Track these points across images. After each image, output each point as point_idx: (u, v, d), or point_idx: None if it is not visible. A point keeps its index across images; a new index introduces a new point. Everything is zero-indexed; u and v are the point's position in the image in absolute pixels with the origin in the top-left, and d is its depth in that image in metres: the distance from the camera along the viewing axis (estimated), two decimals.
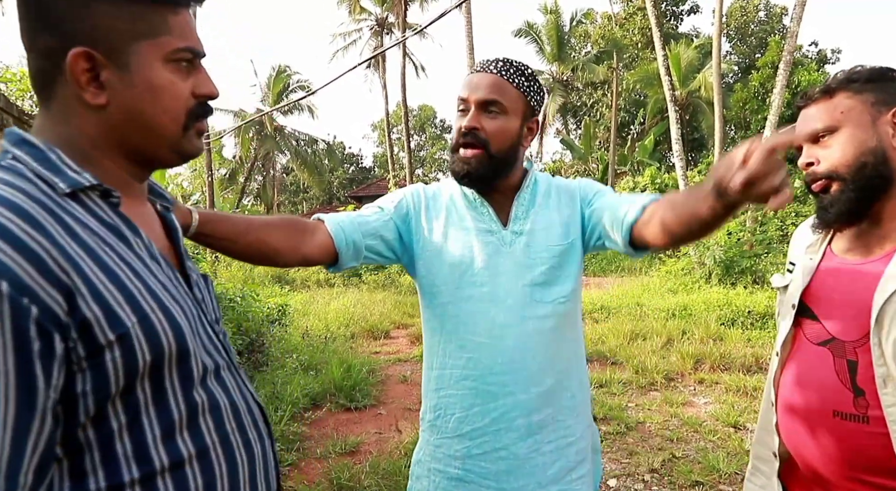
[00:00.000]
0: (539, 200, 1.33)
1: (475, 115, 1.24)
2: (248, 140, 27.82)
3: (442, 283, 1.30)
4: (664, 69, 11.46)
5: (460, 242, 1.30)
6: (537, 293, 1.26)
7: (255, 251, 1.20)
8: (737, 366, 5.14)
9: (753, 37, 30.09)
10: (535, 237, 1.28)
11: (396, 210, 1.36)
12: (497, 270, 1.27)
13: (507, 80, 1.25)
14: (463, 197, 1.35)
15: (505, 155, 1.26)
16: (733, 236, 9.98)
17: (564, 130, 28.47)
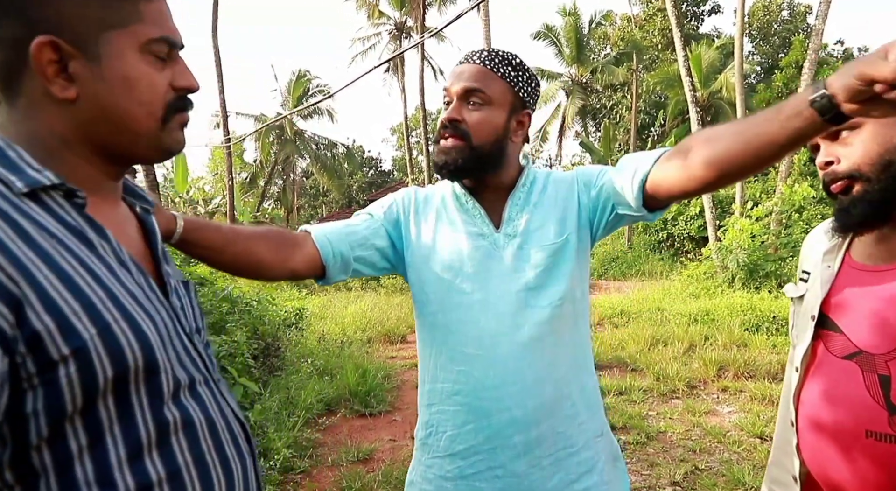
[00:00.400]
0: (534, 199, 1.25)
1: (456, 106, 1.18)
2: (269, 144, 28.07)
3: (431, 290, 1.23)
4: (685, 70, 11.29)
5: (449, 247, 1.23)
6: (531, 298, 1.18)
7: (241, 262, 1.16)
8: (762, 373, 4.99)
9: (776, 36, 29.61)
10: (528, 238, 1.21)
11: (386, 216, 1.30)
12: (488, 276, 1.20)
13: (491, 69, 1.18)
14: (455, 199, 1.28)
15: (489, 149, 1.19)
16: (757, 239, 9.76)
17: (584, 133, 28.25)
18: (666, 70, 22.72)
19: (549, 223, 1.22)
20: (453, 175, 1.21)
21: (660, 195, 1.07)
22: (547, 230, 1.21)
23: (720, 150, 0.90)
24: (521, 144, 1.27)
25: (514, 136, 1.22)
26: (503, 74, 1.19)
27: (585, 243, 1.24)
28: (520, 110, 1.22)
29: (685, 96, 21.18)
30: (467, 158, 1.18)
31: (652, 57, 26.15)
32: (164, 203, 24.87)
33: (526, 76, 1.21)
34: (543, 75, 25.49)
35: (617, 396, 4.63)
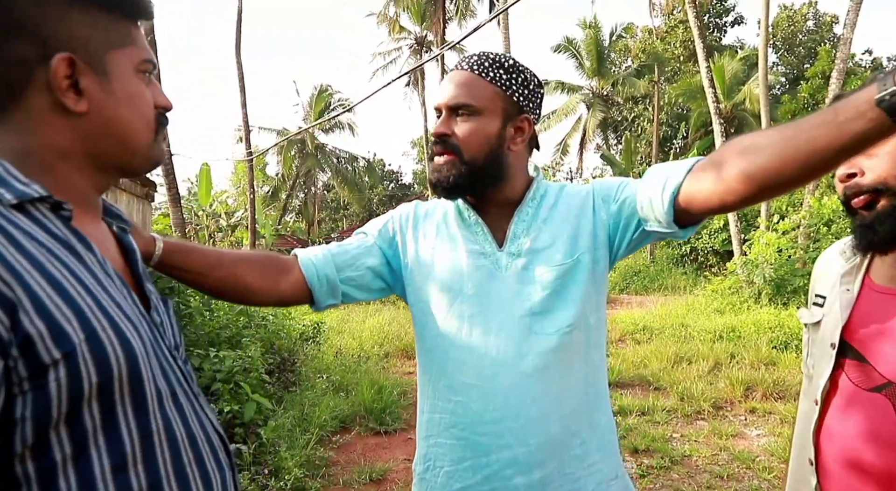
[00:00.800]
0: (543, 214, 1.14)
1: (444, 119, 1.11)
2: (291, 158, 28.38)
3: (428, 313, 1.15)
4: (708, 81, 11.12)
5: (448, 266, 1.14)
6: (536, 324, 1.08)
7: (227, 287, 1.12)
8: (792, 394, 4.80)
9: (801, 47, 29.21)
10: (535, 258, 1.11)
11: (381, 233, 1.23)
12: (489, 299, 1.10)
13: (479, 75, 1.09)
14: (457, 215, 1.18)
15: (483, 161, 1.09)
16: (784, 253, 9.51)
17: (605, 145, 28.06)
18: (688, 82, 22.51)
19: (558, 241, 1.11)
20: (449, 193, 1.12)
21: (693, 210, 0.95)
22: (555, 249, 1.11)
23: (763, 160, 0.80)
24: (524, 153, 1.16)
25: (512, 144, 1.12)
26: (493, 79, 1.09)
27: (602, 264, 1.13)
28: (516, 116, 1.12)
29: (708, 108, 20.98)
30: (461, 174, 1.09)
31: (674, 69, 25.96)
32: (188, 216, 25.29)
33: (521, 78, 1.11)
34: (564, 88, 25.42)
35: (639, 416, 4.48)
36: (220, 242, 24.47)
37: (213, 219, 25.91)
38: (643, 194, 1.03)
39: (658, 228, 1.03)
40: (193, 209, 25.27)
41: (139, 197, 5.68)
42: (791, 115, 20.04)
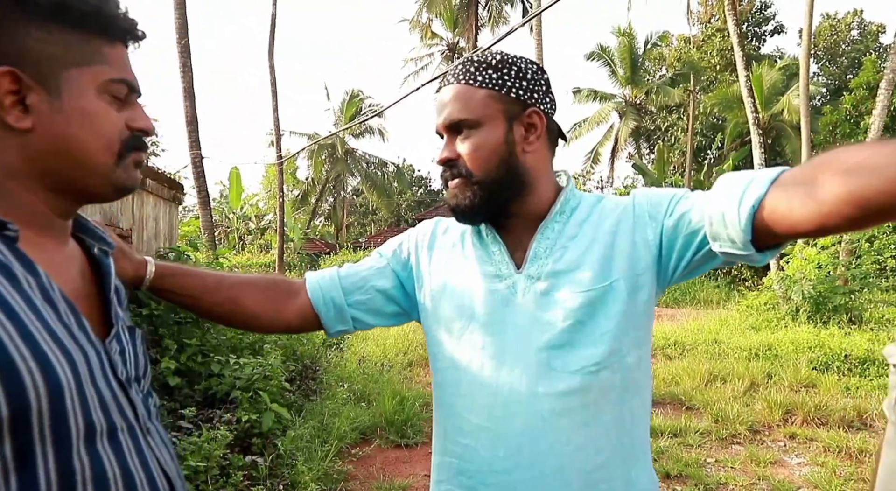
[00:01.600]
0: (570, 230, 0.99)
1: (447, 143, 1.01)
2: (321, 163, 28.62)
3: (440, 343, 1.04)
4: (746, 91, 10.81)
5: (461, 290, 1.02)
6: (556, 359, 0.93)
7: (225, 312, 1.04)
8: (835, 420, 4.53)
9: (845, 57, 28.41)
10: (557, 282, 0.96)
11: (395, 254, 1.13)
12: (503, 328, 0.97)
13: (468, 84, 0.98)
14: (474, 232, 1.07)
15: (495, 176, 0.98)
16: (823, 269, 9.14)
17: (637, 155, 27.63)
18: (725, 91, 22.04)
19: (586, 263, 0.96)
20: (468, 218, 1.02)
21: (778, 230, 0.78)
22: (582, 272, 0.95)
23: (879, 182, 0.66)
24: (544, 151, 1.02)
25: (526, 145, 0.99)
26: (483, 82, 0.98)
27: (646, 293, 0.96)
28: (520, 113, 0.98)
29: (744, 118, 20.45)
30: (476, 197, 0.98)
31: (710, 78, 25.46)
32: (219, 218, 25.61)
33: (514, 71, 0.98)
34: (596, 96, 25.13)
35: (671, 438, 4.28)
36: (250, 245, 24.79)
37: (243, 221, 26.29)
38: (713, 207, 0.85)
39: (729, 249, 0.85)
40: (224, 212, 25.67)
41: (166, 200, 5.69)
42: (832, 126, 19.43)
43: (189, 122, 10.41)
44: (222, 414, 3.85)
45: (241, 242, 25.47)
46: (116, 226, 4.53)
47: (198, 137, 10.46)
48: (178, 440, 3.27)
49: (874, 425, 4.50)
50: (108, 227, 3.27)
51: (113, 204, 4.44)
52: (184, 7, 10.35)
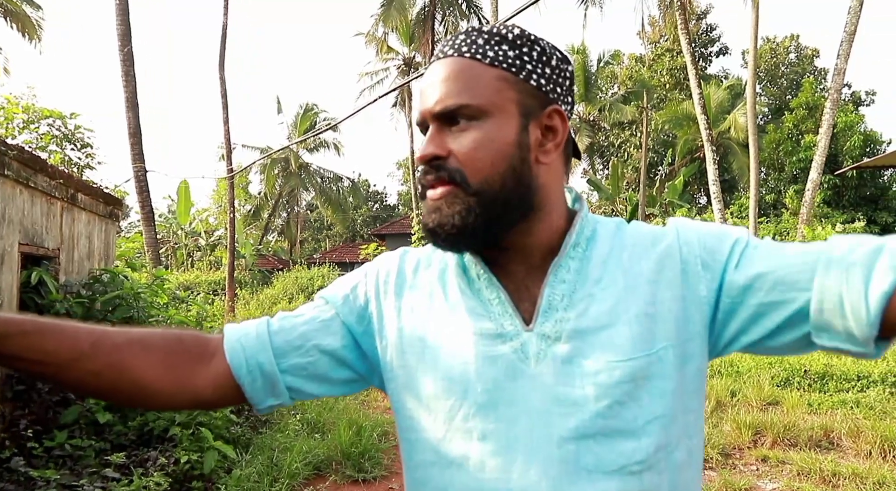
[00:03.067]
0: (594, 271, 0.73)
1: (434, 135, 0.72)
2: (274, 177, 28.02)
3: (417, 428, 0.75)
4: (700, 108, 11.01)
5: (448, 357, 0.73)
6: (587, 454, 0.68)
7: (106, 384, 0.73)
8: (804, 440, 4.47)
9: (784, 78, 29.68)
10: (585, 345, 0.70)
11: (346, 302, 0.80)
12: (512, 410, 0.70)
13: (474, 58, 0.71)
14: (460, 271, 0.77)
15: (500, 187, 0.70)
16: None
17: (591, 170, 28.09)
18: (675, 109, 22.67)
19: (622, 320, 0.70)
20: (455, 243, 0.73)
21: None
22: (618, 333, 0.70)
23: None
24: (560, 167, 0.76)
25: (541, 154, 0.73)
26: (496, 59, 0.71)
27: (697, 364, 0.72)
28: (539, 110, 0.72)
29: (694, 136, 21.01)
30: (470, 214, 0.70)
31: (660, 96, 26.17)
32: (166, 234, 24.67)
33: (537, 52, 0.72)
34: None
35: None
36: (199, 262, 23.88)
37: (192, 237, 25.34)
38: (830, 287, 0.62)
39: (841, 345, 0.64)
40: (172, 228, 24.71)
41: (102, 216, 5.24)
42: (776, 144, 20.17)
43: (132, 134, 9.91)
44: (158, 456, 3.47)
45: (190, 259, 24.57)
46: (40, 245, 4.10)
47: (141, 150, 9.95)
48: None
49: (842, 445, 4.46)
50: (29, 246, 2.79)
51: (37, 220, 4.02)
52: (127, 14, 9.89)
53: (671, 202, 21.72)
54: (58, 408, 3.74)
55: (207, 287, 16.92)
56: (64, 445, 3.50)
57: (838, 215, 16.52)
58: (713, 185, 10.97)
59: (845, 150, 17.56)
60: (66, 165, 6.11)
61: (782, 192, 20.55)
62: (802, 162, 18.04)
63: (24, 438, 3.46)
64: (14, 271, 3.71)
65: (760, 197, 17.95)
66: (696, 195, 25.95)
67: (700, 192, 27.14)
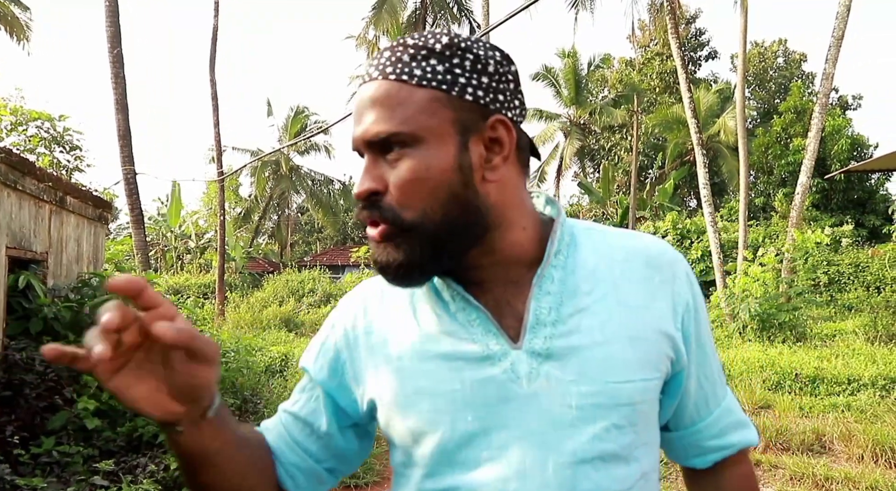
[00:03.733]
0: (582, 284, 0.70)
1: (370, 166, 0.68)
2: (264, 180, 27.92)
3: (410, 465, 0.72)
4: (690, 112, 11.08)
5: (432, 387, 0.69)
6: (585, 480, 0.66)
7: None
8: (797, 444, 4.47)
9: (772, 82, 29.96)
10: (580, 362, 0.67)
11: (320, 369, 0.77)
12: (505, 435, 0.67)
13: (398, 79, 0.65)
14: (432, 295, 0.72)
15: (443, 219, 0.66)
16: (768, 286, 9.35)
17: (582, 174, 28.20)
18: (665, 112, 22.81)
19: (618, 339, 0.68)
20: (406, 281, 0.69)
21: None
22: (613, 352, 0.67)
23: None
24: (514, 176, 0.71)
25: (488, 171, 0.68)
26: (424, 77, 0.65)
27: (657, 405, 0.76)
28: (479, 123, 0.67)
29: (683, 139, 21.15)
30: (412, 251, 0.66)
31: (650, 100, 26.34)
32: (156, 237, 24.48)
33: (469, 61, 0.67)
34: (542, 116, 25.53)
35: None
36: (189, 265, 23.73)
37: (182, 240, 25.18)
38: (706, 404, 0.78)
39: None
40: (162, 230, 24.55)
41: (91, 219, 5.18)
42: (765, 147, 20.36)
43: (121, 136, 9.84)
44: (147, 462, 3.42)
45: (180, 262, 24.39)
46: (28, 249, 4.03)
47: (131, 152, 9.88)
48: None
49: (833, 449, 4.47)
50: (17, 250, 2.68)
51: (24, 224, 3.96)
52: (117, 16, 9.81)
53: (661, 205, 21.85)
54: (45, 413, 3.68)
55: (197, 290, 16.80)
56: (51, 452, 3.44)
57: (827, 219, 16.69)
58: (703, 188, 11.04)
59: (833, 154, 17.75)
60: (54, 168, 6.04)
61: (771, 196, 20.74)
62: (791, 165, 18.22)
63: (10, 445, 3.40)
64: (0, 275, 3.65)
65: (750, 200, 18.11)
66: (686, 198, 26.14)
67: (690, 196, 27.34)
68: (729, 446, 0.78)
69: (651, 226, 19.06)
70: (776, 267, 9.89)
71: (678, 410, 0.77)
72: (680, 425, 0.78)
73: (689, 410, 0.77)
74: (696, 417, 0.77)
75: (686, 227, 17.70)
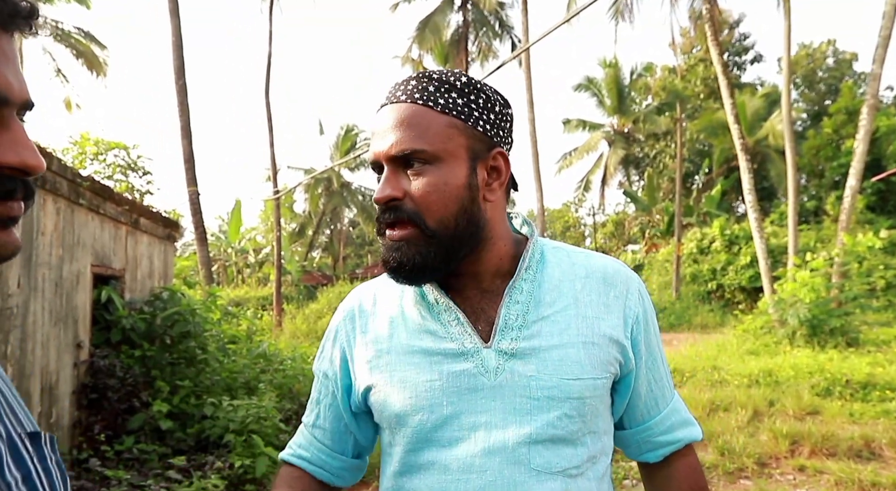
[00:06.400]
0: (547, 296, 0.83)
1: (390, 177, 0.80)
2: (317, 196, 28.76)
3: (395, 444, 0.86)
4: (733, 118, 10.99)
5: (413, 376, 0.83)
6: (538, 457, 0.79)
7: None
8: (844, 450, 4.44)
9: (822, 83, 29.06)
10: (540, 362, 0.80)
11: (330, 366, 0.93)
12: (472, 419, 0.80)
13: (425, 105, 0.79)
14: (418, 298, 0.86)
15: (455, 226, 0.79)
16: (817, 292, 9.15)
17: (627, 182, 27.91)
18: (709, 118, 22.42)
19: (574, 344, 0.81)
20: (415, 279, 0.82)
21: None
22: (567, 354, 0.81)
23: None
24: (502, 201, 0.85)
25: (488, 192, 0.82)
26: (447, 107, 0.79)
27: (609, 396, 0.89)
28: (486, 153, 0.81)
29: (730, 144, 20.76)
30: (428, 252, 0.79)
31: (694, 106, 25.94)
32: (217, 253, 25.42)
33: (482, 99, 0.81)
34: (585, 126, 25.50)
35: None
36: (248, 279, 24.61)
37: (241, 255, 26.16)
38: (652, 403, 0.91)
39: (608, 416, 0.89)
40: (222, 246, 25.59)
41: (161, 238, 5.63)
42: (815, 150, 19.80)
43: (186, 160, 10.45)
44: (214, 460, 3.73)
45: (240, 276, 25.31)
46: (109, 266, 4.47)
47: (195, 174, 10.49)
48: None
49: (883, 455, 4.43)
50: (100, 267, 2.98)
51: (105, 243, 4.39)
52: (181, 50, 10.48)
53: (708, 212, 21.44)
54: (125, 415, 4.05)
55: (256, 303, 17.44)
56: (132, 449, 3.80)
57: (883, 221, 16.08)
58: (749, 194, 10.89)
59: (889, 154, 17.13)
60: (129, 192, 6.56)
61: (823, 199, 20.10)
62: (843, 167, 17.64)
63: (97, 442, 3.78)
64: (87, 290, 4.07)
65: (801, 204, 17.62)
66: (735, 204, 25.52)
67: (739, 201, 26.67)
68: (676, 441, 0.90)
69: (698, 232, 18.72)
70: (828, 272, 9.67)
71: (630, 408, 0.90)
72: (633, 422, 0.91)
73: (641, 409, 0.90)
74: (646, 415, 0.90)
75: (734, 232, 17.36)
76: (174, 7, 10.53)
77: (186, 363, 4.70)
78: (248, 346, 5.83)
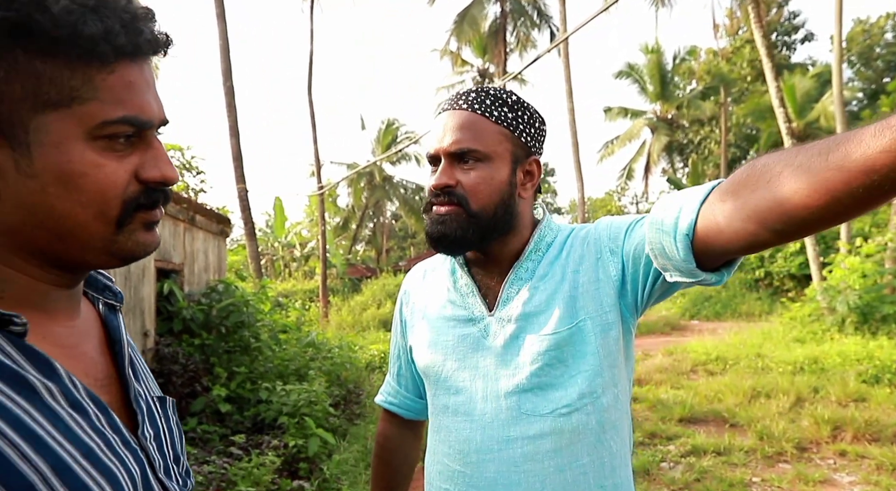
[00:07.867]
0: (542, 269, 1.00)
1: (446, 168, 0.97)
2: (360, 190, 29.23)
3: (426, 388, 1.12)
4: (777, 101, 10.71)
5: (437, 336, 1.05)
6: (527, 403, 0.95)
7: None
8: (888, 436, 4.41)
9: (880, 60, 27.74)
10: (526, 324, 0.97)
11: (396, 327, 1.21)
12: (475, 373, 1.00)
13: (482, 114, 0.97)
14: (450, 274, 1.09)
15: (493, 212, 0.97)
16: (869, 278, 8.90)
17: (671, 169, 27.37)
18: (757, 101, 21.75)
19: (554, 304, 0.96)
20: (452, 249, 1.00)
21: (714, 252, 0.75)
22: (549, 314, 0.96)
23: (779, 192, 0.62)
24: (532, 199, 1.05)
25: (523, 191, 1.00)
26: (499, 118, 0.97)
27: (617, 330, 0.96)
28: (525, 159, 1.00)
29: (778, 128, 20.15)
30: (468, 228, 0.96)
31: (741, 89, 25.18)
32: (265, 247, 26.16)
33: (527, 116, 1.00)
34: (627, 113, 25.09)
35: (715, 457, 4.25)
36: (295, 272, 25.31)
37: (287, 249, 26.89)
38: (654, 237, 0.82)
39: (681, 279, 0.82)
40: (269, 241, 26.36)
41: (214, 234, 5.97)
42: None
43: (235, 158, 10.85)
44: (270, 439, 4.01)
45: (287, 270, 26.01)
46: (169, 261, 4.80)
47: (243, 172, 10.89)
48: (229, 466, 3.43)
49: None
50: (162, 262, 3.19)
51: (166, 240, 4.72)
52: (227, 53, 10.87)
53: None
54: (188, 398, 4.37)
55: (303, 295, 17.96)
56: (195, 429, 4.11)
57: None
58: None
59: None
60: (185, 191, 6.94)
61: None
62: None
63: None
64: (151, 283, 4.40)
65: None
66: None
67: None
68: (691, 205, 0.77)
69: None
70: (882, 257, 9.38)
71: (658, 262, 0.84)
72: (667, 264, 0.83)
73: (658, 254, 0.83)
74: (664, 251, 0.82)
75: None
76: (220, 11, 10.91)
77: (241, 351, 5.00)
78: (297, 335, 6.13)
